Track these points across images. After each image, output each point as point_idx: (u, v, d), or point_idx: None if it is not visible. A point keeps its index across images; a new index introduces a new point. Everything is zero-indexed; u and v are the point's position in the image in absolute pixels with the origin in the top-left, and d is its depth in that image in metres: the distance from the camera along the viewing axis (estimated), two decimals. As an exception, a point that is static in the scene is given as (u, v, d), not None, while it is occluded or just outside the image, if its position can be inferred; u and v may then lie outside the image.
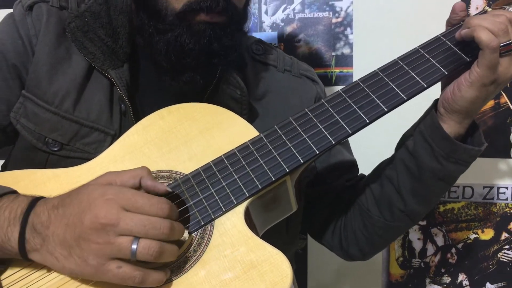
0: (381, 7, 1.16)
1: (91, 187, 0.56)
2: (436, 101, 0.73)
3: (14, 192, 0.59)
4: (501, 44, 0.63)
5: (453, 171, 0.72)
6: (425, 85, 0.67)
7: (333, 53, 1.21)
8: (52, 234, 0.54)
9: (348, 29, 1.20)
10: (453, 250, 1.22)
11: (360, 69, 1.19)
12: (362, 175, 0.90)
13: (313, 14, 1.21)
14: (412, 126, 0.76)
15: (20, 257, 0.56)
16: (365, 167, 0.89)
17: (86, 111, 0.72)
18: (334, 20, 1.20)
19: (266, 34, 1.23)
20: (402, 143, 0.77)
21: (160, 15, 0.69)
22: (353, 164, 0.90)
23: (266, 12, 1.23)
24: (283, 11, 1.22)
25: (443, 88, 0.72)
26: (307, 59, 1.20)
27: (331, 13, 1.20)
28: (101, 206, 0.53)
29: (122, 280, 0.53)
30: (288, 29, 1.22)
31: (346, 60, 1.21)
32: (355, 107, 0.66)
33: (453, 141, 0.68)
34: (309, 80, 0.89)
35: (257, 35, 1.21)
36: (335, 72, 1.22)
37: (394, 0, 1.15)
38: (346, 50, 1.21)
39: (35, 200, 0.57)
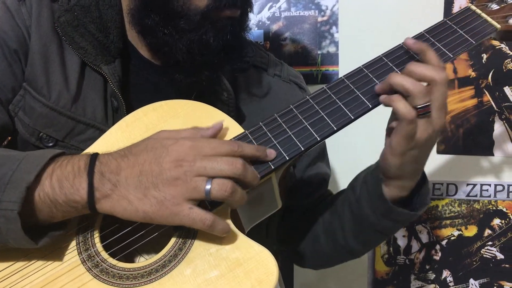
0: (366, 5, 1.17)
1: (162, 136, 0.58)
2: None
3: (64, 153, 0.59)
4: (419, 106, 0.61)
5: (390, 227, 0.73)
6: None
7: (319, 52, 1.21)
8: (126, 178, 0.54)
9: (334, 27, 1.20)
10: (437, 246, 1.24)
11: (346, 67, 1.20)
12: (330, 192, 0.91)
13: (299, 13, 1.21)
14: (367, 169, 0.76)
15: (87, 209, 0.55)
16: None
17: (82, 108, 0.71)
18: (320, 19, 1.20)
19: (252, 32, 1.22)
20: (353, 185, 0.78)
21: (180, 14, 0.67)
22: (325, 180, 0.90)
23: (251, 10, 1.22)
24: (269, 9, 1.22)
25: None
26: (293, 58, 1.20)
27: (317, 11, 1.20)
28: (178, 150, 0.55)
29: (192, 221, 0.54)
30: (274, 27, 1.22)
31: (332, 59, 1.21)
32: (340, 103, 0.66)
33: (388, 204, 0.69)
34: (297, 86, 0.89)
35: (242, 33, 1.21)
36: (321, 70, 1.22)
37: (379, -2, 1.16)
38: (331, 49, 1.21)
39: (95, 154, 0.57)
